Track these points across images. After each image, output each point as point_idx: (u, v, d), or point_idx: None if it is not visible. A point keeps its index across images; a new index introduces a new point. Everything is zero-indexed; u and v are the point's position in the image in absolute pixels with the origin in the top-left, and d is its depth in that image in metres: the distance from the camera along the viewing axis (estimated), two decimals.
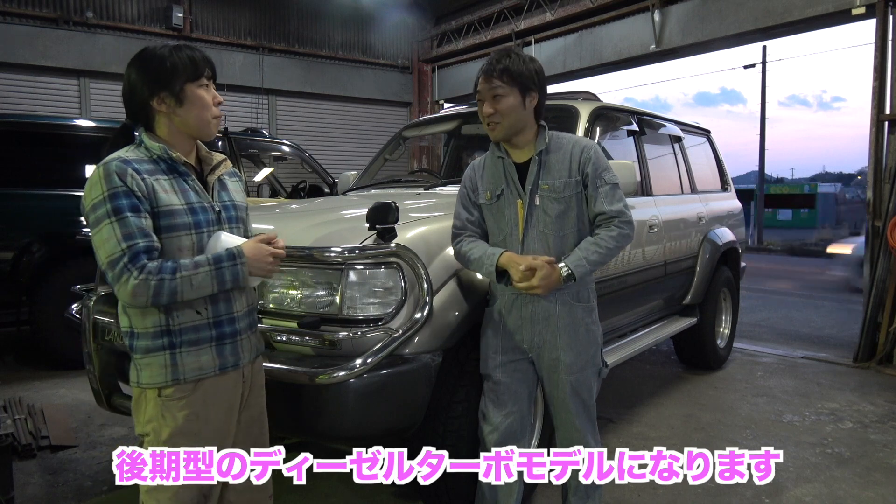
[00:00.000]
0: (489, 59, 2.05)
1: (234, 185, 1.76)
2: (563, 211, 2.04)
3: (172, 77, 1.53)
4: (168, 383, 1.55)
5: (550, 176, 2.05)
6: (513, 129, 2.04)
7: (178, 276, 1.46)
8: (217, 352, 1.60)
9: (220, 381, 1.62)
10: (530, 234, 2.06)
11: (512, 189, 2.08)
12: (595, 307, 2.18)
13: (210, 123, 1.61)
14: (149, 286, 1.43)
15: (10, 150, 4.85)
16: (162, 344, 1.54)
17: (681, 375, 4.76)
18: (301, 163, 6.61)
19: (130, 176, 1.46)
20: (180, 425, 1.56)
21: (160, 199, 1.50)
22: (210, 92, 1.60)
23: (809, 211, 30.38)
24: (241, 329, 1.66)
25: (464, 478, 2.30)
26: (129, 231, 1.43)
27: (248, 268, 1.55)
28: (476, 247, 2.10)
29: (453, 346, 2.26)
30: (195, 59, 1.57)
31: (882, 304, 5.11)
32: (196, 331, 1.57)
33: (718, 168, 5.24)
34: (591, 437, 2.18)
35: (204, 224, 1.58)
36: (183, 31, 8.80)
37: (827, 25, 6.39)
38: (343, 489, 2.91)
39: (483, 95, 2.03)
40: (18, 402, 3.85)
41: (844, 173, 62.85)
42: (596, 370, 2.17)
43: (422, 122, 4.71)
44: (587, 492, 2.22)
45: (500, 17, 9.31)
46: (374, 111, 11.00)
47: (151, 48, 1.58)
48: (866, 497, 2.86)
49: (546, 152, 2.07)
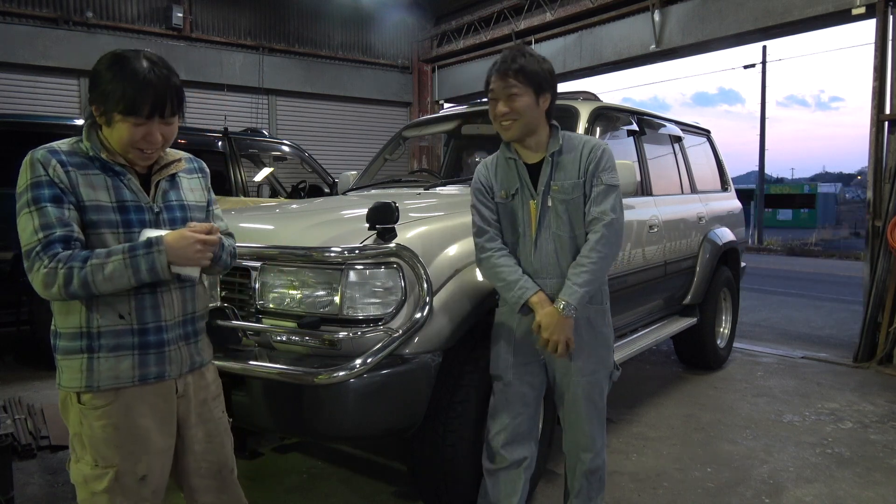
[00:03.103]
0: (503, 57, 2.00)
1: (191, 183, 1.67)
2: (574, 212, 2.04)
3: (105, 100, 1.43)
4: (83, 389, 1.48)
5: (561, 177, 2.04)
6: (526, 129, 2.02)
7: (88, 264, 1.39)
8: (139, 361, 1.51)
9: (145, 392, 1.53)
10: (543, 235, 2.06)
11: (525, 190, 2.07)
12: (608, 310, 2.17)
13: (130, 153, 1.49)
14: (57, 274, 1.38)
15: (11, 150, 4.84)
16: (80, 346, 1.48)
17: (681, 375, 4.76)
18: (301, 163, 6.61)
19: (53, 167, 1.43)
20: (98, 434, 1.50)
21: (85, 193, 1.45)
22: (145, 130, 1.45)
23: (809, 211, 30.40)
24: (171, 339, 1.56)
25: (464, 478, 2.30)
26: (46, 221, 1.40)
27: (167, 256, 1.43)
28: (510, 269, 2.04)
29: (453, 346, 2.26)
30: (136, 97, 1.41)
31: (882, 304, 5.11)
32: (117, 336, 1.49)
33: (718, 168, 5.24)
34: (598, 442, 2.17)
35: (136, 224, 1.50)
36: (183, 31, 8.81)
37: (827, 25, 6.39)
38: (343, 489, 2.91)
39: (497, 94, 1.99)
40: (18, 402, 3.85)
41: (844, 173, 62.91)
42: (607, 373, 2.16)
43: (422, 122, 4.71)
44: (589, 493, 2.21)
45: (500, 17, 9.31)
46: (374, 111, 11.01)
47: (128, 59, 1.45)
48: (866, 497, 2.86)
49: (559, 153, 2.06)
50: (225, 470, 1.73)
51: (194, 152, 1.79)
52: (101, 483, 1.51)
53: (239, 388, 2.15)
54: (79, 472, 1.55)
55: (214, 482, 1.71)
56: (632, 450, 3.35)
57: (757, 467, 3.16)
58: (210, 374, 1.72)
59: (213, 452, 1.69)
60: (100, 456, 1.51)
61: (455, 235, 2.39)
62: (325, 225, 2.52)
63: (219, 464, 1.71)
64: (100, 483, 1.52)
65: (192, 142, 5.70)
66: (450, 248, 2.32)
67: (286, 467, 3.12)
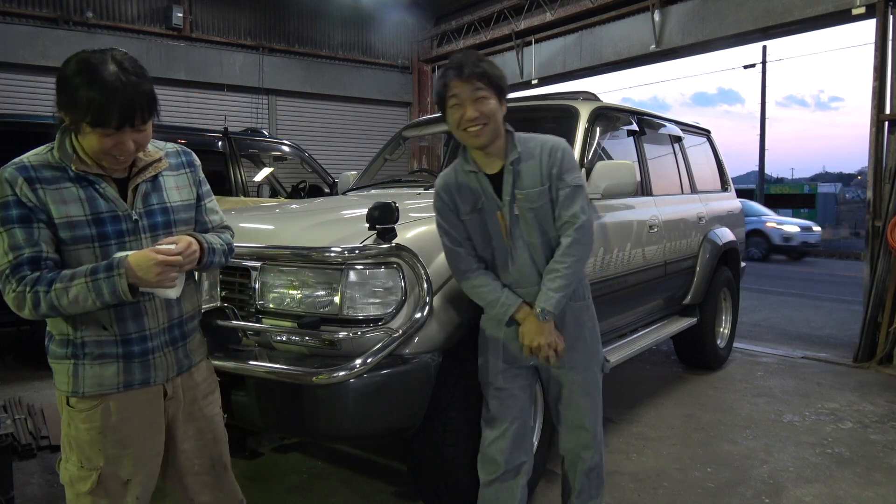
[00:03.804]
0: (458, 62, 1.92)
1: (177, 181, 1.61)
2: (543, 217, 2.01)
3: (73, 109, 1.36)
4: (69, 393, 1.50)
5: (524, 184, 1.99)
6: (495, 133, 1.95)
7: (53, 288, 1.37)
8: (123, 368, 1.51)
9: (130, 397, 1.53)
10: (517, 245, 2.02)
11: (490, 201, 2.01)
12: (591, 303, 2.17)
13: (103, 160, 1.44)
14: (25, 298, 1.37)
15: (11, 151, 4.84)
16: (66, 353, 1.49)
17: (681, 375, 4.76)
18: (301, 163, 6.61)
19: (20, 186, 1.38)
20: (83, 437, 1.51)
21: (57, 210, 1.41)
22: (115, 139, 1.38)
23: (809, 211, 30.38)
24: (155, 347, 1.55)
25: (464, 478, 2.30)
26: (14, 242, 1.38)
27: (127, 279, 1.38)
28: (489, 287, 2.03)
29: (453, 346, 2.26)
30: (103, 109, 1.34)
31: (882, 304, 5.11)
32: (100, 346, 1.49)
33: (718, 168, 5.24)
34: (599, 437, 2.18)
35: (113, 235, 1.46)
36: (183, 31, 8.81)
37: (827, 25, 6.39)
38: (343, 489, 2.91)
39: (461, 98, 1.90)
40: (18, 402, 3.85)
41: (844, 173, 62.91)
42: (599, 366, 2.18)
43: (422, 122, 4.71)
44: (590, 492, 2.21)
45: (500, 17, 9.31)
46: (374, 111, 11.00)
47: (94, 67, 1.35)
48: (866, 497, 2.86)
49: (518, 161, 1.99)
50: (219, 465, 1.73)
51: (194, 153, 1.76)
52: (86, 484, 1.53)
53: (239, 388, 2.15)
54: (66, 472, 1.56)
55: (209, 478, 1.71)
56: (632, 450, 3.35)
57: (757, 467, 3.16)
58: (200, 374, 1.70)
59: (205, 449, 1.69)
60: (85, 458, 1.53)
61: None
62: (325, 225, 2.52)
63: (212, 459, 1.71)
64: (84, 484, 1.53)
65: (192, 142, 5.70)
66: None
67: (286, 467, 3.12)
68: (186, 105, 8.93)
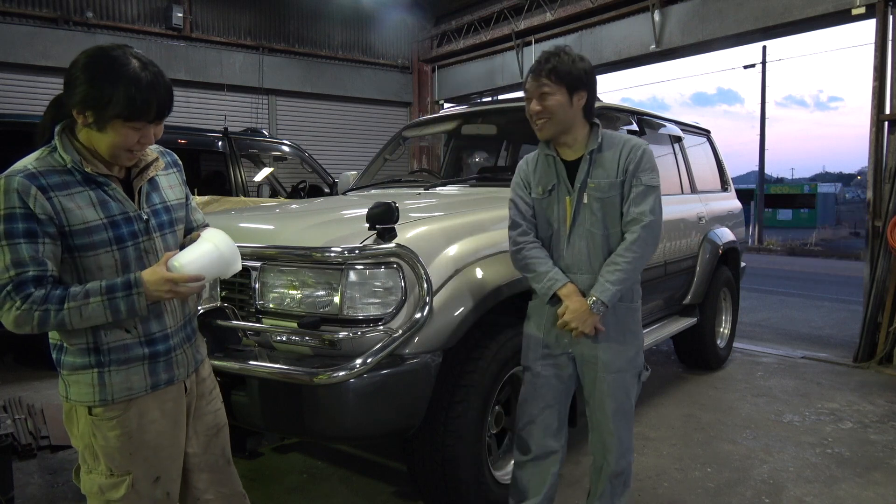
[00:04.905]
0: (539, 58, 2.05)
1: (169, 180, 1.62)
2: (609, 210, 2.05)
3: (107, 106, 1.35)
4: (96, 403, 1.47)
5: (599, 175, 2.05)
6: (560, 127, 2.04)
7: (65, 306, 1.35)
8: (149, 370, 1.51)
9: (156, 397, 1.54)
10: (576, 232, 2.07)
11: (562, 186, 2.09)
12: (639, 308, 2.16)
13: (121, 157, 1.44)
14: (32, 316, 1.34)
15: (11, 151, 4.84)
16: (89, 362, 1.46)
17: (681, 375, 4.76)
18: (301, 163, 6.61)
19: (34, 196, 1.34)
20: (112, 444, 1.50)
21: (73, 216, 1.38)
22: (141, 133, 1.41)
23: (809, 211, 30.41)
24: (176, 345, 1.57)
25: (464, 478, 2.30)
26: (18, 258, 1.33)
27: (145, 297, 1.41)
28: (541, 261, 2.09)
29: (453, 346, 2.26)
30: (143, 101, 1.37)
31: (882, 304, 5.11)
32: (126, 350, 1.48)
33: (718, 168, 5.24)
34: (625, 443, 2.14)
35: (128, 237, 1.46)
36: (183, 31, 8.80)
37: (827, 25, 6.39)
38: (343, 489, 2.91)
39: (530, 94, 2.05)
40: (18, 402, 3.85)
41: (844, 173, 62.92)
42: (636, 372, 2.14)
43: (422, 122, 4.71)
44: (612, 496, 2.18)
45: (501, 17, 9.31)
46: (374, 111, 11.00)
47: (118, 60, 1.37)
48: (866, 497, 2.86)
49: (598, 151, 2.07)
50: (222, 460, 1.74)
51: (195, 152, 1.77)
52: (119, 491, 1.52)
53: (239, 388, 2.15)
54: (92, 482, 1.54)
55: (213, 476, 1.71)
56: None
57: (757, 467, 3.16)
58: (205, 370, 1.74)
59: (209, 446, 1.71)
60: (115, 465, 1.51)
61: (455, 235, 2.38)
62: (325, 225, 2.52)
63: (215, 456, 1.72)
64: (117, 491, 1.52)
65: (192, 142, 5.69)
66: (450, 248, 2.32)
67: (286, 467, 3.13)
68: (186, 105, 8.92)
